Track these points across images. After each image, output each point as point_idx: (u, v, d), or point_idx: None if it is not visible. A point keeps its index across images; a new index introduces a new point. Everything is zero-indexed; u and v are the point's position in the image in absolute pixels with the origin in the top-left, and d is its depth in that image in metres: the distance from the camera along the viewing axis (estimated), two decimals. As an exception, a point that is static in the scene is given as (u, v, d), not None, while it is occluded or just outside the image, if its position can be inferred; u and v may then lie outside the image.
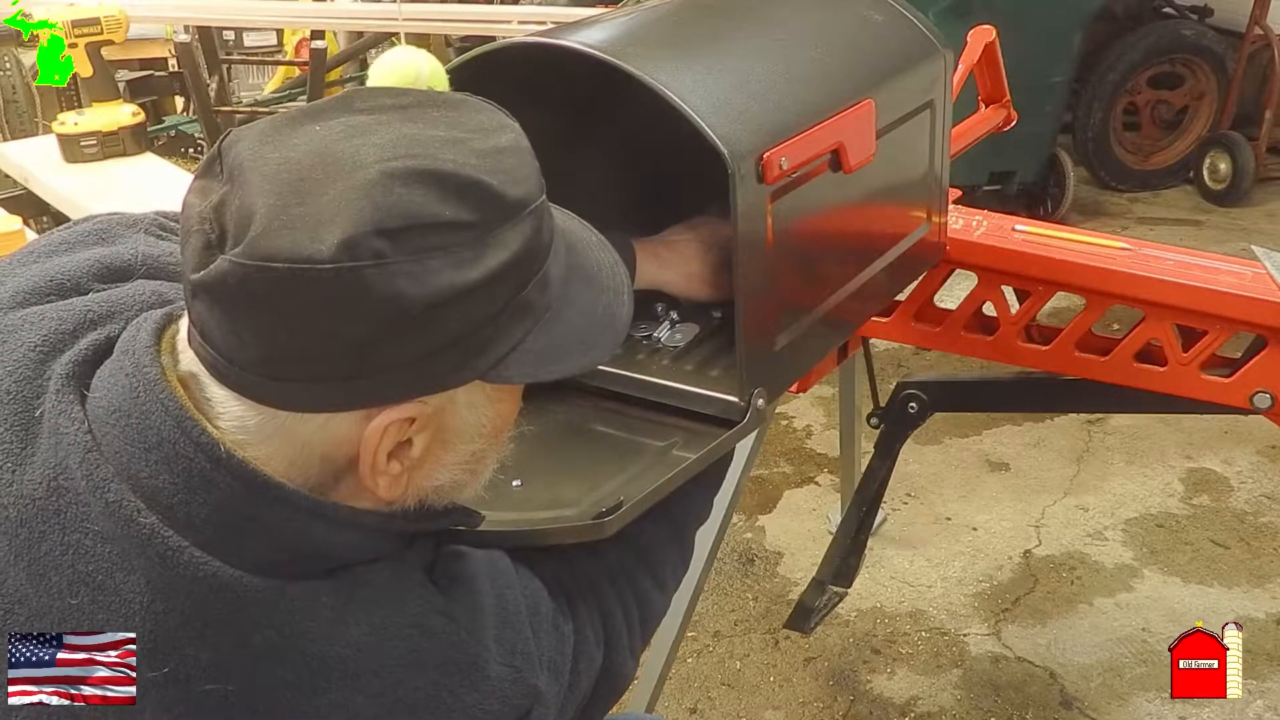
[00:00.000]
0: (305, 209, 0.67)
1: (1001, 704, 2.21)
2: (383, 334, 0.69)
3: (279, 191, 0.68)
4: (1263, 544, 2.63)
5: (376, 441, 0.73)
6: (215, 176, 0.71)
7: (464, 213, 0.69)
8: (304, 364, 0.69)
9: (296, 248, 0.66)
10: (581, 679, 0.91)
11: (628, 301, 0.85)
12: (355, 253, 0.66)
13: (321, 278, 0.66)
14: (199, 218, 0.69)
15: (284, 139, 0.71)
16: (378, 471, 0.75)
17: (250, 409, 0.72)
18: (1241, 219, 4.47)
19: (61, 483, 0.72)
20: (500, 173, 0.72)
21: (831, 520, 2.68)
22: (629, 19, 1.18)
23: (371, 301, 0.67)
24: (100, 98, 2.56)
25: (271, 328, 0.68)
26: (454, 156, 0.71)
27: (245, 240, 0.67)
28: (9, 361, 0.78)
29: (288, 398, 0.71)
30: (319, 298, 0.66)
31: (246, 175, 0.69)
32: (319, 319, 0.68)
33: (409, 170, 0.69)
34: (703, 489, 1.09)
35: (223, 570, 0.70)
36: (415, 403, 0.73)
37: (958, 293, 1.64)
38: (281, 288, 0.66)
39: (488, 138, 0.74)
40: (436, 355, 0.71)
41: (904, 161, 1.34)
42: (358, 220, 0.66)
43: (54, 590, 0.71)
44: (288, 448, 0.73)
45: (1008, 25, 2.08)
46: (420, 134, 0.71)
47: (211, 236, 0.68)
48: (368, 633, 0.75)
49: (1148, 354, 1.57)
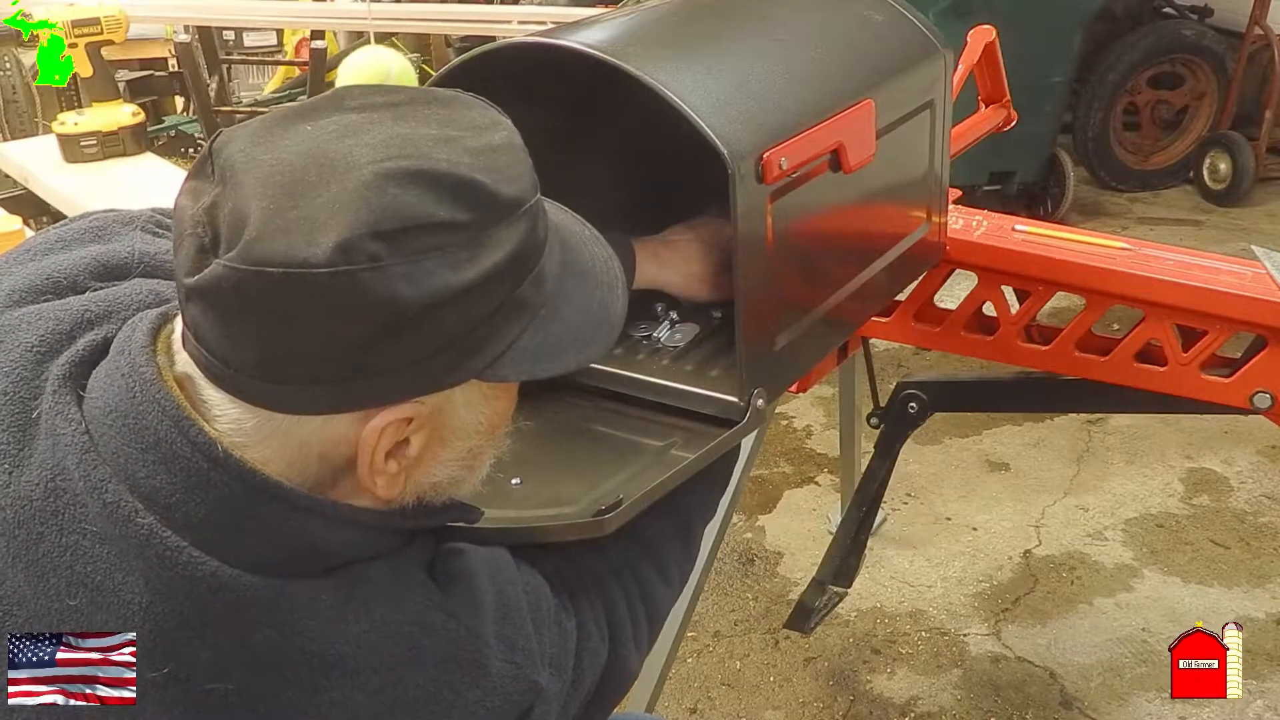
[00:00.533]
0: (299, 212, 0.67)
1: (1001, 704, 2.21)
2: (379, 336, 0.68)
3: (272, 194, 0.67)
4: (1263, 544, 2.63)
5: (374, 442, 0.73)
6: (207, 178, 0.71)
7: (459, 213, 0.69)
8: (300, 366, 0.69)
9: (292, 251, 0.66)
10: (585, 675, 0.91)
11: (622, 297, 0.85)
12: (351, 256, 0.66)
13: (317, 281, 0.66)
14: (192, 221, 0.69)
15: (276, 139, 0.71)
16: (376, 471, 0.75)
17: (247, 411, 0.72)
18: (1241, 219, 4.47)
19: (59, 484, 0.72)
20: (494, 171, 0.72)
21: (831, 520, 2.68)
22: (629, 19, 1.18)
23: (368, 304, 0.67)
24: (100, 98, 2.56)
25: (267, 331, 0.68)
26: (447, 156, 0.70)
27: (240, 244, 0.66)
28: (6, 362, 0.78)
29: (284, 400, 0.71)
30: (315, 301, 0.66)
31: (239, 177, 0.69)
32: (315, 322, 0.67)
33: (403, 171, 0.68)
34: (708, 486, 1.09)
35: (221, 569, 0.70)
36: (412, 403, 0.73)
37: (958, 293, 1.64)
38: (277, 292, 0.66)
39: (480, 135, 0.73)
40: (433, 356, 0.71)
41: (904, 161, 1.34)
42: (353, 223, 0.66)
43: (53, 591, 0.71)
44: (286, 449, 0.73)
45: (1008, 25, 2.08)
46: (412, 133, 0.71)
47: (205, 240, 0.68)
48: (368, 630, 0.75)
49: (1148, 354, 1.57)
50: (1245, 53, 4.47)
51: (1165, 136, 4.78)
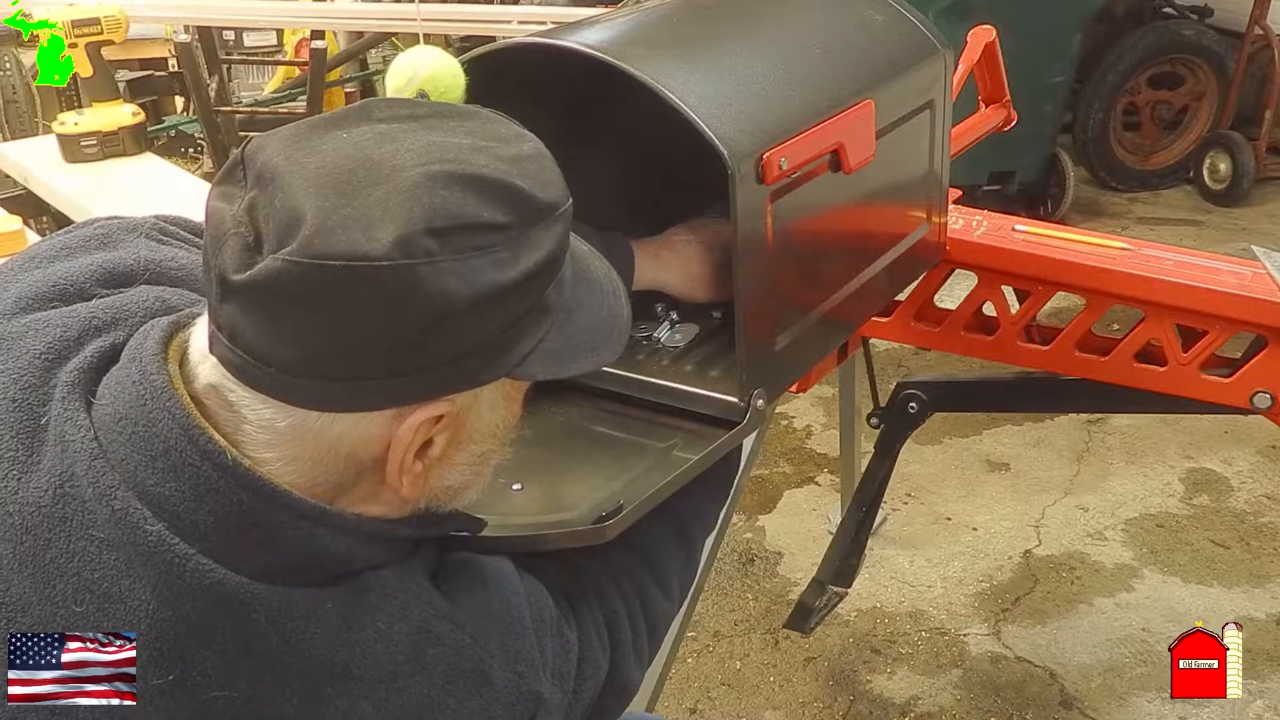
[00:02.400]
0: (353, 209, 0.68)
1: (1001, 704, 2.21)
2: (427, 332, 0.70)
3: (324, 193, 0.68)
4: (1263, 544, 2.63)
5: (409, 439, 0.74)
6: (238, 182, 0.72)
7: (500, 215, 0.71)
8: (347, 363, 0.70)
9: (353, 245, 0.67)
10: (586, 686, 0.91)
11: (626, 305, 0.87)
12: (409, 250, 0.67)
13: (378, 275, 0.67)
14: (234, 220, 0.69)
15: (314, 144, 0.72)
16: (404, 470, 0.76)
17: (280, 411, 0.72)
18: (1241, 219, 4.47)
19: (67, 490, 0.72)
20: (529, 177, 0.73)
21: (831, 520, 2.68)
22: (629, 19, 1.18)
23: (421, 298, 0.68)
24: (100, 98, 2.56)
25: (319, 326, 0.69)
26: (485, 162, 0.72)
27: (298, 239, 0.67)
28: (14, 369, 0.78)
29: (326, 398, 0.71)
30: (371, 294, 0.67)
31: (284, 179, 0.69)
32: (369, 315, 0.68)
33: (448, 174, 0.70)
34: (709, 495, 1.09)
35: (228, 577, 0.71)
36: (445, 401, 0.74)
37: (958, 293, 1.64)
38: (336, 284, 0.67)
39: (509, 146, 0.75)
40: (472, 353, 0.72)
41: (904, 161, 1.34)
42: (408, 219, 0.68)
43: (59, 598, 0.71)
44: (315, 449, 0.73)
45: (1008, 25, 2.08)
46: (447, 141, 0.73)
47: (249, 239, 0.68)
48: (372, 638, 0.75)
49: (1148, 354, 1.57)
50: (1245, 53, 4.47)
51: (1165, 136, 4.78)
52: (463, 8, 3.62)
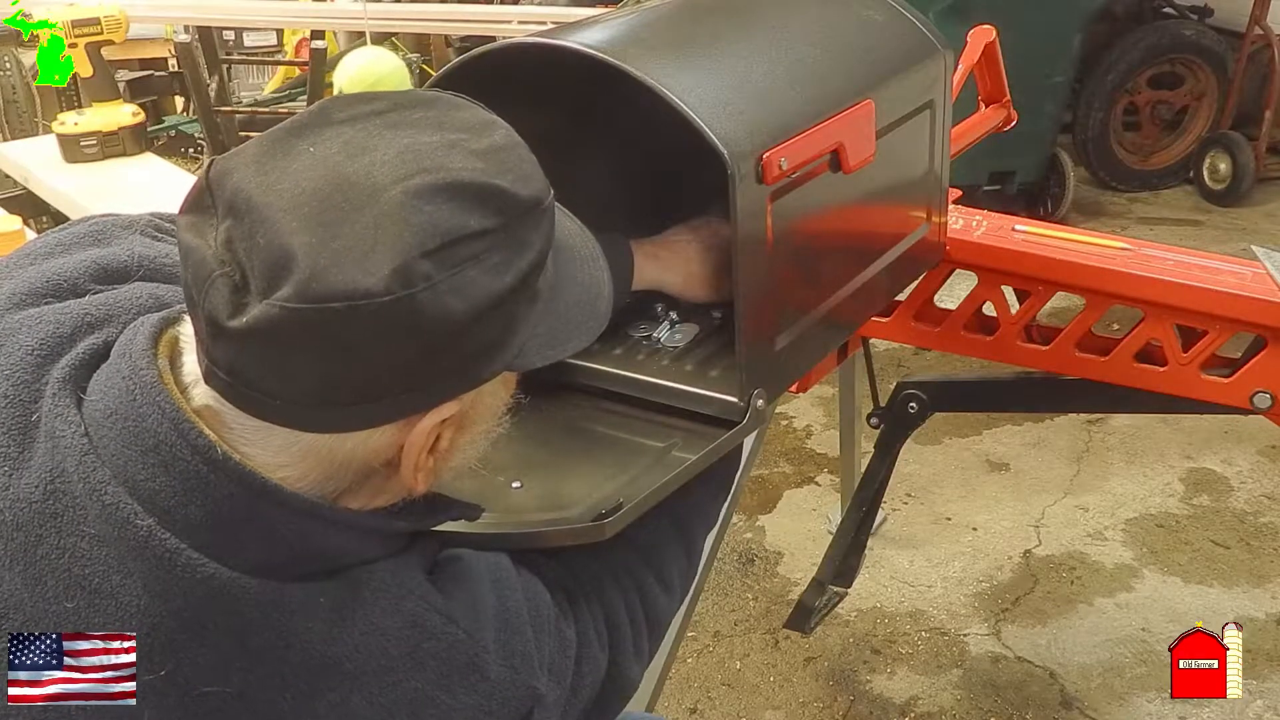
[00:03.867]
0: (342, 243, 0.67)
1: (1001, 704, 2.21)
2: (433, 350, 0.70)
3: (308, 226, 0.67)
4: (1263, 544, 2.63)
5: (421, 443, 0.75)
6: (206, 210, 0.70)
7: (488, 220, 0.70)
8: (355, 390, 0.70)
9: (351, 284, 0.66)
10: (585, 682, 0.91)
11: (605, 266, 0.88)
12: (408, 279, 0.67)
13: (380, 310, 0.67)
14: (216, 260, 0.68)
15: (282, 164, 0.70)
16: (419, 468, 0.77)
17: (291, 437, 0.72)
18: (1241, 219, 4.48)
19: (58, 486, 0.72)
20: (508, 173, 0.73)
21: (831, 520, 2.68)
22: (629, 19, 1.18)
23: (425, 323, 0.68)
24: (100, 98, 2.56)
25: (326, 363, 0.69)
26: (462, 164, 0.71)
27: (291, 283, 0.66)
28: (6, 365, 0.77)
29: (337, 422, 0.72)
30: (374, 328, 0.67)
31: (260, 211, 0.68)
32: (375, 347, 0.68)
33: (428, 187, 0.69)
34: (709, 492, 1.09)
35: (220, 572, 0.70)
36: (454, 401, 0.75)
37: (958, 293, 1.64)
38: (338, 324, 0.67)
39: (480, 137, 0.74)
40: (476, 357, 0.73)
41: (904, 161, 1.34)
42: (401, 246, 0.67)
43: (50, 594, 0.71)
44: (327, 464, 0.74)
45: (1008, 25, 2.08)
46: (416, 143, 0.71)
47: (235, 279, 0.67)
48: (366, 633, 0.75)
49: (1148, 354, 1.57)
50: (1245, 53, 4.47)
51: (1165, 136, 4.78)
52: (463, 7, 3.63)
